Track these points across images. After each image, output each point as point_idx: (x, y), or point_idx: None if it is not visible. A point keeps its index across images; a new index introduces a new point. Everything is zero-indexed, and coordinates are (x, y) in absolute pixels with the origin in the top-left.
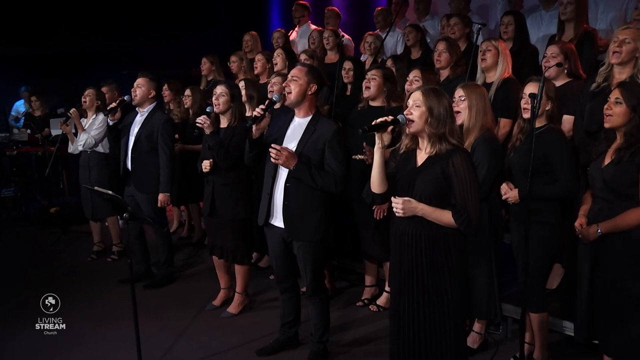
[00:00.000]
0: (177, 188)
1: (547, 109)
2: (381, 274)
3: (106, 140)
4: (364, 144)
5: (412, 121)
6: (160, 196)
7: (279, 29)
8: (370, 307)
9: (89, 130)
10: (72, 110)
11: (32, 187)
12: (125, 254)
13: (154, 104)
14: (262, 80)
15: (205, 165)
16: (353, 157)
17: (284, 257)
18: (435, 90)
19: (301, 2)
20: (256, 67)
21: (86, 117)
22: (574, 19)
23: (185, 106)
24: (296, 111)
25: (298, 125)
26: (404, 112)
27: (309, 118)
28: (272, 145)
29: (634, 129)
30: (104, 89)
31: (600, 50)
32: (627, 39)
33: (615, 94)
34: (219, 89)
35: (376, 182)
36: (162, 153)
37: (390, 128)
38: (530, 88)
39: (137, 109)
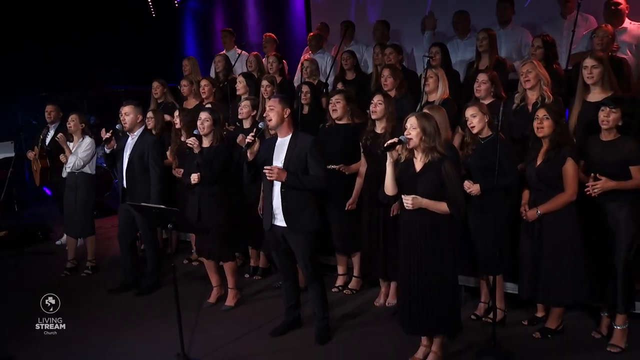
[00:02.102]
0: None
1: (487, 121)
2: (349, 264)
3: (93, 162)
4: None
5: (411, 139)
6: None
7: (220, 53)
8: (344, 291)
9: (77, 153)
10: (60, 135)
11: None
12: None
13: (142, 127)
14: (206, 102)
15: (194, 178)
16: (328, 166)
17: (283, 250)
18: (426, 115)
19: (227, 29)
20: (204, 92)
21: (72, 140)
22: (488, 50)
23: (148, 127)
24: (278, 132)
25: (281, 144)
26: (405, 134)
27: (289, 136)
28: (265, 167)
29: (557, 136)
30: (49, 108)
31: (508, 72)
32: (529, 70)
33: (543, 112)
34: (203, 115)
35: (390, 187)
36: (152, 171)
37: (398, 147)
38: (471, 111)
39: (127, 133)
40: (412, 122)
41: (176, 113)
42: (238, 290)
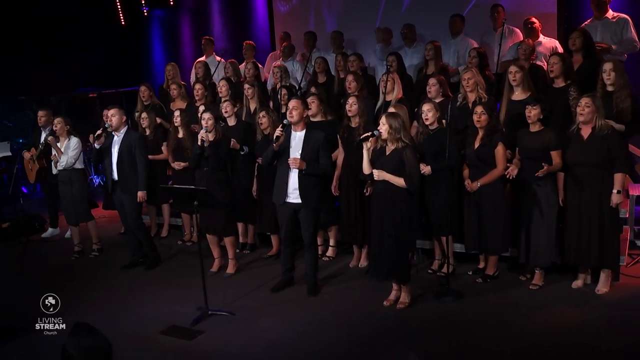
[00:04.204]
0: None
1: (437, 116)
2: (325, 236)
3: (81, 158)
4: None
5: (382, 132)
6: (139, 193)
7: (200, 60)
8: (323, 259)
9: (67, 152)
10: (50, 137)
11: None
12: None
13: (126, 126)
14: (199, 104)
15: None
16: None
17: (291, 223)
18: (393, 114)
19: (207, 37)
20: (197, 95)
21: (59, 141)
22: (434, 58)
23: (143, 126)
24: (294, 127)
25: (298, 137)
26: (378, 128)
27: (304, 131)
28: (289, 160)
29: (491, 127)
30: (40, 113)
31: (452, 76)
32: (469, 77)
33: (481, 109)
34: (206, 115)
35: (366, 168)
36: (139, 161)
37: (371, 139)
38: (427, 106)
39: (113, 132)
40: (382, 120)
41: (177, 113)
42: (237, 260)
